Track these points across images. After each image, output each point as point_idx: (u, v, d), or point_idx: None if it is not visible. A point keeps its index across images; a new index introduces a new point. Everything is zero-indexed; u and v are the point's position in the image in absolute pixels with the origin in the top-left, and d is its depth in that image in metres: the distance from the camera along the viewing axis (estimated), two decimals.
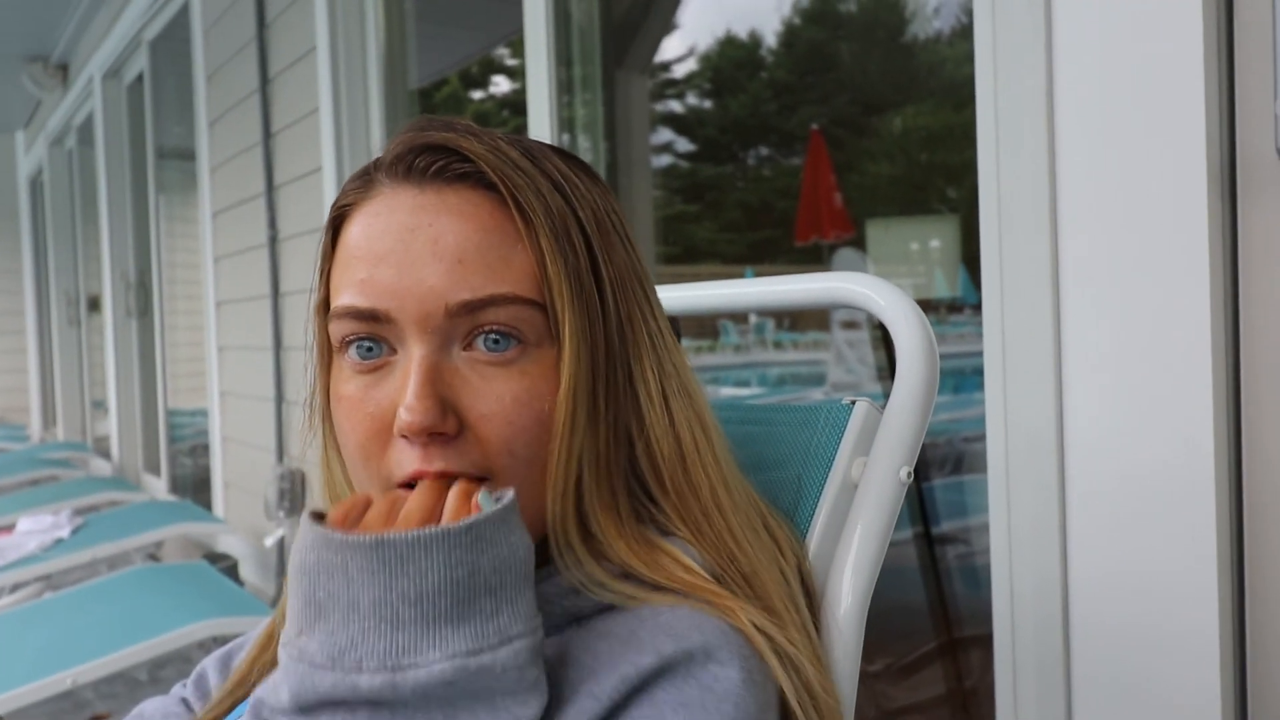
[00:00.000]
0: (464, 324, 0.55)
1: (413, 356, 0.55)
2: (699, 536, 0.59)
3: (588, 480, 0.57)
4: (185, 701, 0.74)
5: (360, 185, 0.58)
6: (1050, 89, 0.95)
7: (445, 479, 0.54)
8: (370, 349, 0.56)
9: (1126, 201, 0.90)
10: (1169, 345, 0.88)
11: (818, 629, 0.64)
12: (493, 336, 0.55)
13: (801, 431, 0.73)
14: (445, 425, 0.54)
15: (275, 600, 2.88)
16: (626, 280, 0.60)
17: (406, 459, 0.55)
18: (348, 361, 0.57)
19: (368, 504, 0.52)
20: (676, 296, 0.84)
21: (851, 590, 0.65)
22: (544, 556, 0.57)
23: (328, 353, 0.60)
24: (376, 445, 0.56)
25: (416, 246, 0.55)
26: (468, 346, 0.56)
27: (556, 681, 0.52)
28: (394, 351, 0.56)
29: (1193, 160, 0.85)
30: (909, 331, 0.69)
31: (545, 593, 0.57)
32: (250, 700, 0.51)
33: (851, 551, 0.66)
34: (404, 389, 0.54)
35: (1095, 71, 0.92)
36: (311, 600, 0.48)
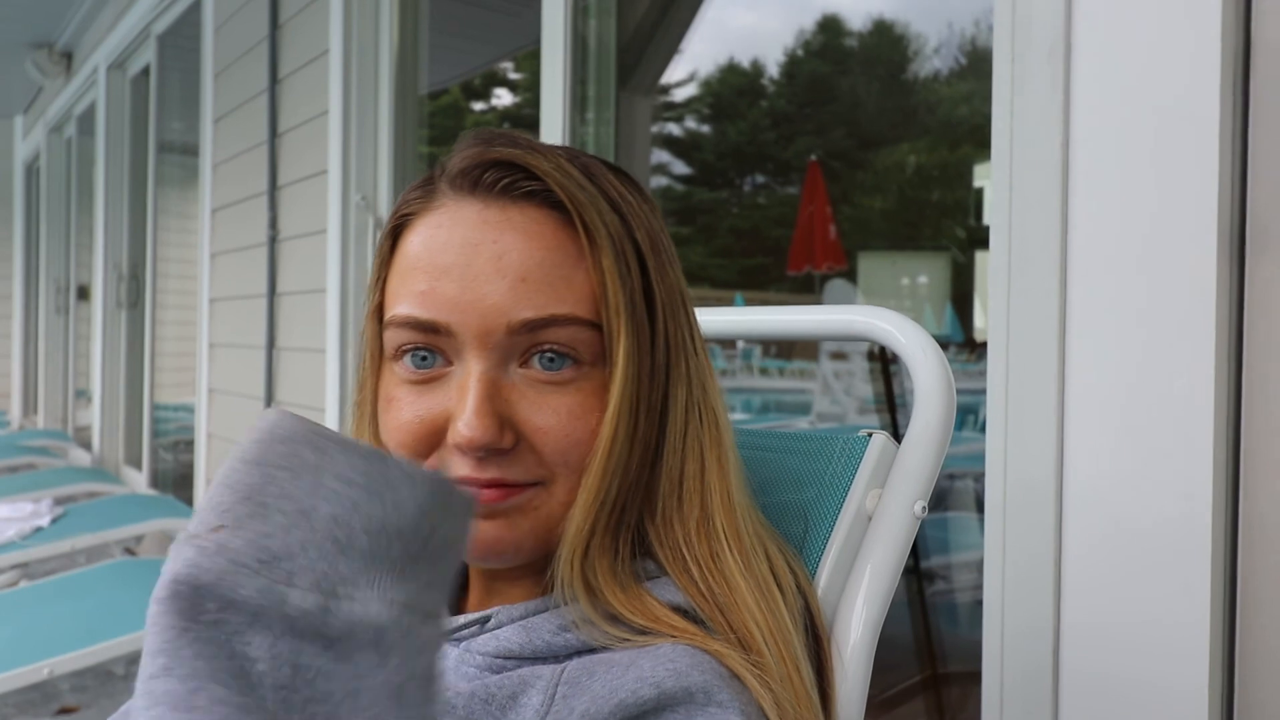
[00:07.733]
0: (523, 341, 0.56)
1: (470, 371, 0.56)
2: (674, 563, 0.58)
3: (616, 499, 0.57)
4: None
5: (422, 195, 0.59)
6: (1066, 140, 0.97)
7: (496, 487, 0.55)
8: (425, 359, 0.57)
9: (1138, 258, 0.92)
10: (1172, 400, 0.89)
11: (825, 662, 0.65)
12: (549, 355, 0.56)
13: (816, 461, 0.73)
14: (503, 441, 0.55)
15: None
16: (675, 303, 0.60)
17: (457, 464, 0.56)
18: (401, 368, 0.58)
19: None
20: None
21: (862, 623, 0.65)
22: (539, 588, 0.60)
23: (379, 357, 0.60)
24: (424, 448, 0.57)
25: (480, 262, 0.55)
26: (524, 364, 0.56)
27: (553, 699, 0.52)
28: (449, 363, 0.57)
29: (1204, 220, 0.87)
30: (928, 369, 0.70)
31: (538, 625, 0.57)
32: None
33: (863, 584, 0.66)
34: (461, 402, 0.55)
35: (1112, 126, 0.94)
36: (253, 496, 0.40)
